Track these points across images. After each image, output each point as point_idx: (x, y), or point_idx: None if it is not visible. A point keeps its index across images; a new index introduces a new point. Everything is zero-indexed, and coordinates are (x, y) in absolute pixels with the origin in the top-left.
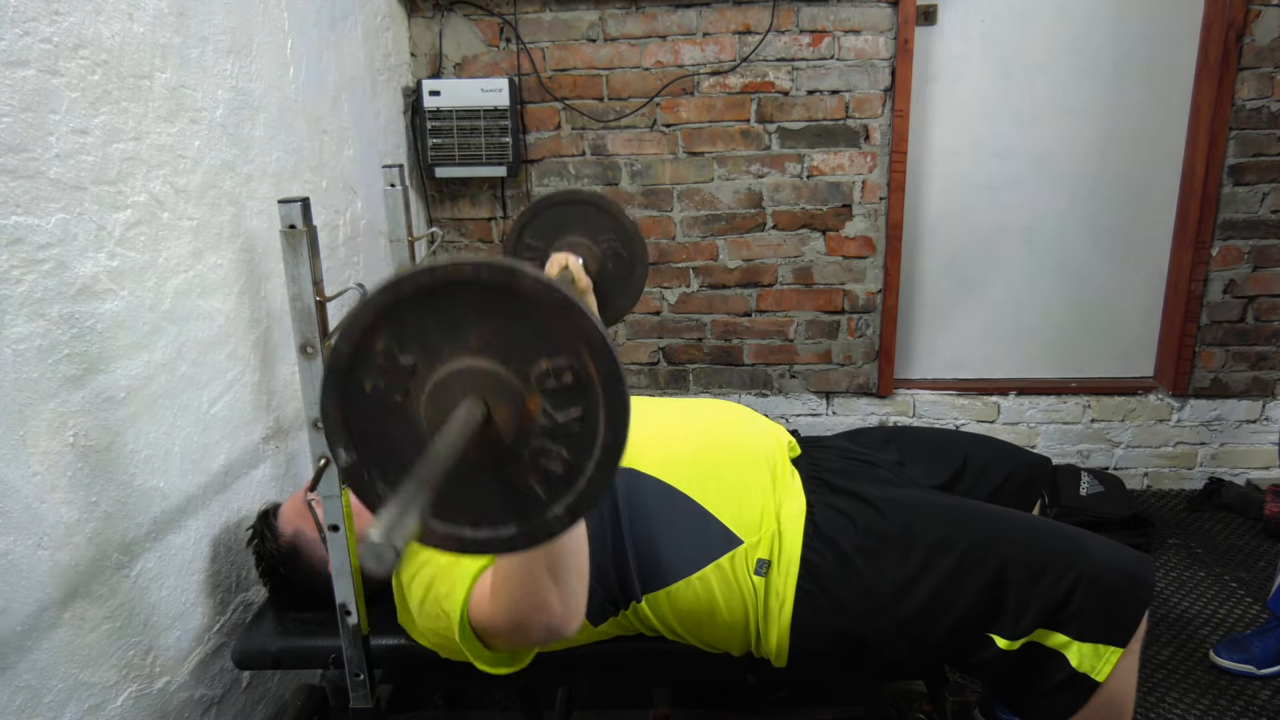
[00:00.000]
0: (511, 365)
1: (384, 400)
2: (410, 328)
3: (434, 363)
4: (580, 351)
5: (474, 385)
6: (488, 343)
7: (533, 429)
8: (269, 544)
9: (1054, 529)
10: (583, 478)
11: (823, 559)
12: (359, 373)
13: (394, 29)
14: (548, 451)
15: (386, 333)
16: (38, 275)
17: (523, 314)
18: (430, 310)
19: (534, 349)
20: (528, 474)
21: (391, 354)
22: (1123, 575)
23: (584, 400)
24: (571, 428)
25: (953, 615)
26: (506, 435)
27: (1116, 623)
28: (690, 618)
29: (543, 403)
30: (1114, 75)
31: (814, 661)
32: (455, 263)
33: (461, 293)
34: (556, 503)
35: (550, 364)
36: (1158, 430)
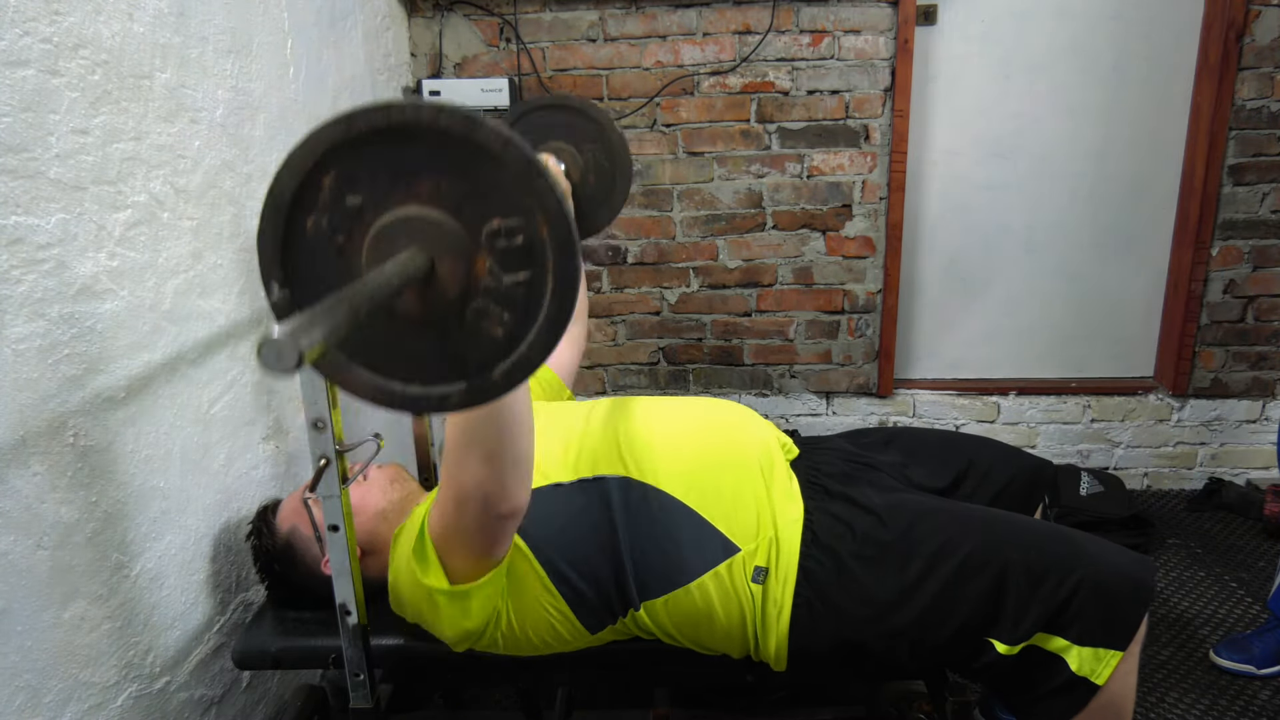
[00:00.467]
0: (462, 219)
1: (325, 240)
2: (361, 168)
3: (381, 207)
4: (534, 214)
5: (421, 234)
6: (440, 192)
7: (477, 288)
8: (265, 540)
9: (1054, 533)
10: (523, 344)
11: (821, 567)
12: (302, 208)
13: (394, 29)
14: (490, 313)
15: (335, 170)
16: (38, 275)
17: (480, 168)
18: (383, 152)
19: (488, 205)
20: (467, 335)
21: (338, 192)
22: (1123, 578)
23: (532, 265)
24: (516, 292)
25: (953, 622)
26: (449, 291)
27: (1116, 626)
28: (689, 624)
29: (490, 262)
30: (1114, 75)
31: (813, 665)
32: (415, 105)
33: (418, 137)
34: (495, 367)
35: (502, 223)
36: (1158, 430)
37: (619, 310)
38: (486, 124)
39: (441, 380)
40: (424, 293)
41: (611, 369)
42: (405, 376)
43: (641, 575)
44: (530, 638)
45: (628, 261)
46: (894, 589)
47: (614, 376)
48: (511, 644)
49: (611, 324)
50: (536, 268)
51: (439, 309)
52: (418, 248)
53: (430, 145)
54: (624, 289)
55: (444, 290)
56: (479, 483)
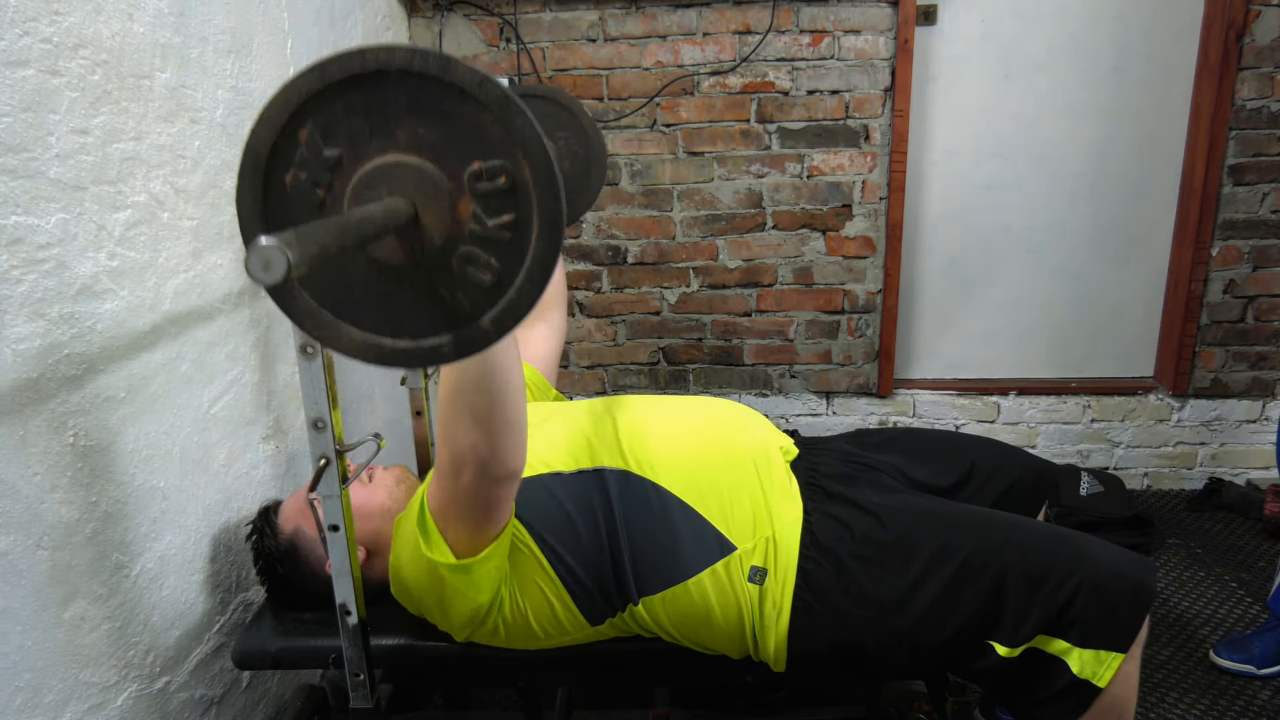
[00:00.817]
0: (443, 163)
1: (305, 194)
2: (337, 118)
3: (361, 156)
4: (515, 153)
5: (402, 182)
6: (419, 138)
7: (461, 234)
8: (268, 541)
9: (1055, 535)
10: (511, 289)
11: (820, 569)
12: (280, 162)
13: (394, 29)
14: (476, 259)
15: (312, 121)
16: (38, 275)
17: (457, 110)
18: (359, 100)
19: (467, 148)
20: (454, 284)
21: (315, 144)
22: (1124, 581)
23: (517, 206)
24: (502, 234)
25: (953, 624)
26: (434, 238)
27: (1117, 628)
28: (687, 623)
29: (473, 206)
30: (1114, 75)
31: (812, 666)
32: (388, 48)
33: (393, 83)
34: (483, 315)
35: (483, 165)
36: (1158, 430)
37: (619, 310)
38: (461, 64)
39: (430, 332)
40: (408, 241)
41: (611, 369)
42: (394, 331)
43: (639, 569)
44: (533, 625)
45: (628, 261)
46: (893, 590)
47: (614, 376)
48: (514, 632)
49: (611, 324)
50: (521, 208)
51: (424, 257)
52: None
53: (406, 89)
54: (624, 289)
55: (428, 237)
56: (472, 445)
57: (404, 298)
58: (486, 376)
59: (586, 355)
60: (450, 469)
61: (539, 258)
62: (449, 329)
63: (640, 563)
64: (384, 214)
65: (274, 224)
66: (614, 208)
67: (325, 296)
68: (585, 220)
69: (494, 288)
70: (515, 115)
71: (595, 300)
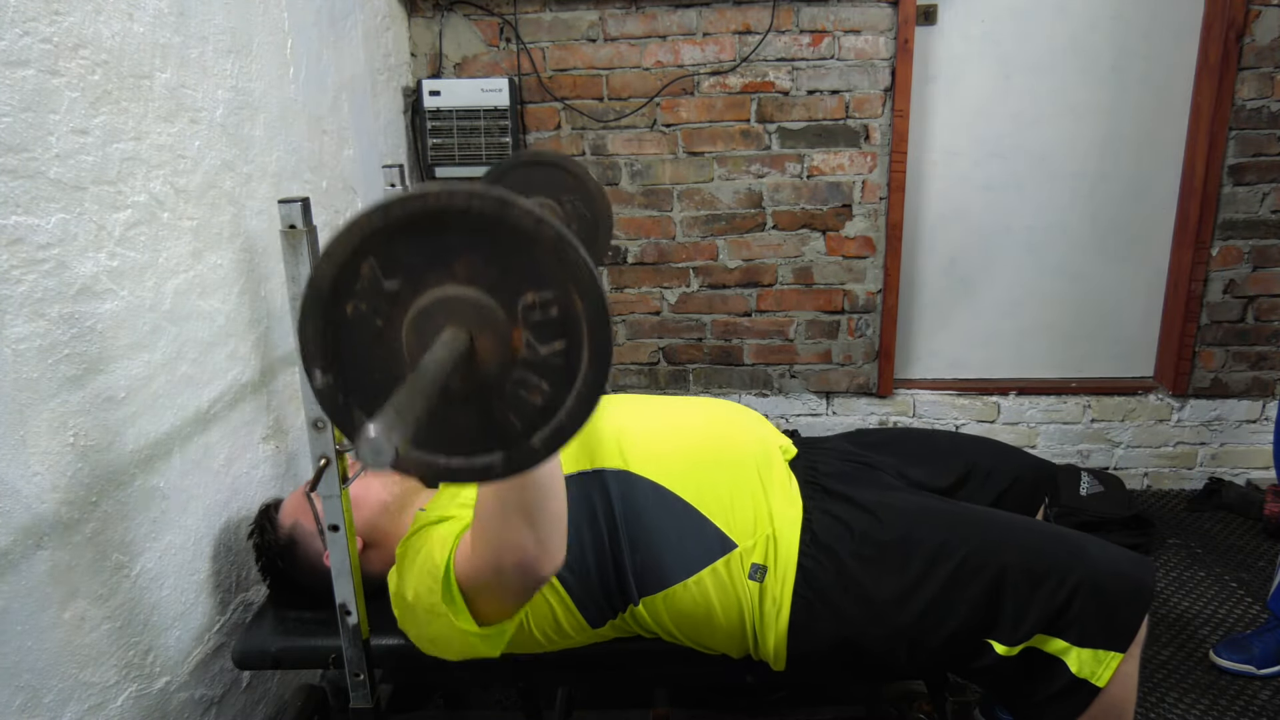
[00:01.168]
0: (498, 295)
1: (365, 324)
2: (397, 252)
3: (419, 289)
4: (568, 287)
5: (458, 314)
6: (475, 272)
7: (515, 360)
8: (268, 537)
9: (1054, 534)
10: (561, 411)
11: (819, 567)
12: (341, 295)
13: (394, 29)
14: (528, 383)
15: (373, 256)
16: (38, 275)
17: (513, 245)
18: (418, 236)
19: (522, 280)
20: (506, 405)
21: (376, 278)
22: (1123, 580)
23: (568, 335)
24: (554, 360)
25: (952, 623)
26: (489, 366)
27: (1117, 628)
28: (687, 621)
29: (526, 335)
30: (1114, 75)
31: (812, 665)
32: (448, 191)
33: (452, 222)
34: (534, 434)
35: (537, 297)
36: (1158, 430)
37: (619, 310)
38: (518, 204)
39: (483, 450)
40: (464, 368)
41: (611, 369)
42: (448, 449)
43: (640, 569)
44: (534, 632)
45: (628, 261)
46: (893, 589)
47: (614, 376)
48: (516, 640)
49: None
50: (572, 337)
51: (479, 383)
52: (457, 327)
53: (464, 228)
54: (624, 289)
55: (483, 365)
56: (520, 547)
57: (458, 419)
58: (534, 484)
59: None
60: (493, 569)
61: (588, 382)
62: (501, 448)
63: (641, 562)
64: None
65: (335, 351)
66: (614, 207)
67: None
68: None
69: (545, 409)
70: (569, 250)
71: None
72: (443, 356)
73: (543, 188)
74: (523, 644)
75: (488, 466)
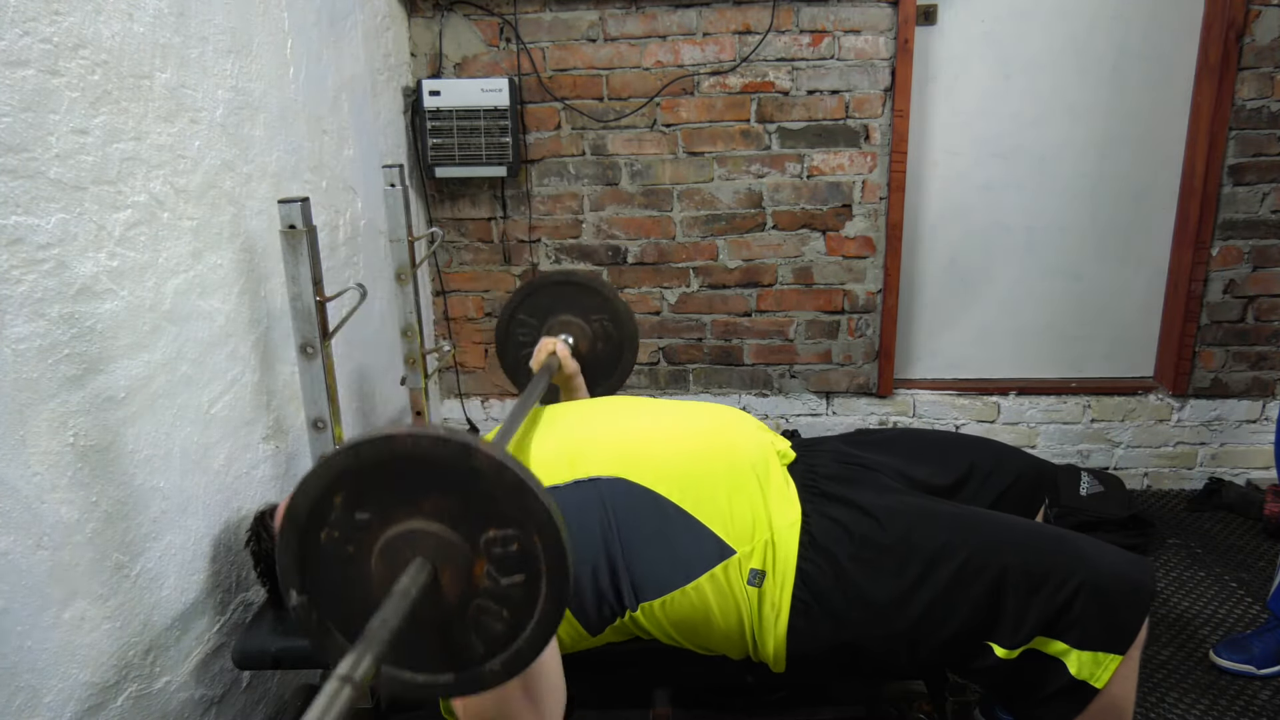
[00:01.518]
0: (461, 530)
1: (337, 550)
2: (368, 487)
3: (387, 521)
4: (528, 525)
5: (423, 547)
6: (440, 507)
7: (477, 590)
8: (265, 544)
9: (1054, 536)
10: (521, 638)
11: (818, 570)
12: (316, 523)
13: (394, 29)
14: (490, 611)
15: (346, 491)
16: (38, 275)
17: (476, 486)
18: (388, 475)
19: (484, 517)
20: (469, 630)
21: (349, 509)
22: (1123, 582)
23: (527, 568)
24: (514, 592)
25: (951, 625)
26: (451, 594)
27: (1116, 630)
28: (686, 626)
29: (488, 567)
30: (1114, 75)
31: (812, 666)
32: (414, 435)
33: (419, 464)
34: (494, 658)
35: (498, 533)
36: (1158, 430)
37: None
38: (480, 451)
39: (443, 670)
40: (430, 596)
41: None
42: (414, 666)
43: (637, 576)
44: None
45: (628, 261)
46: (892, 592)
47: None
48: None
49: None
50: (531, 571)
51: (442, 608)
52: (421, 561)
53: (430, 470)
54: (624, 289)
55: (447, 593)
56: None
57: (424, 640)
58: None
59: None
60: None
61: (545, 614)
62: (462, 668)
63: (638, 570)
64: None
65: (310, 573)
66: (614, 208)
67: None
68: (585, 220)
69: (505, 635)
70: (528, 495)
71: None
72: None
73: (570, 306)
74: None
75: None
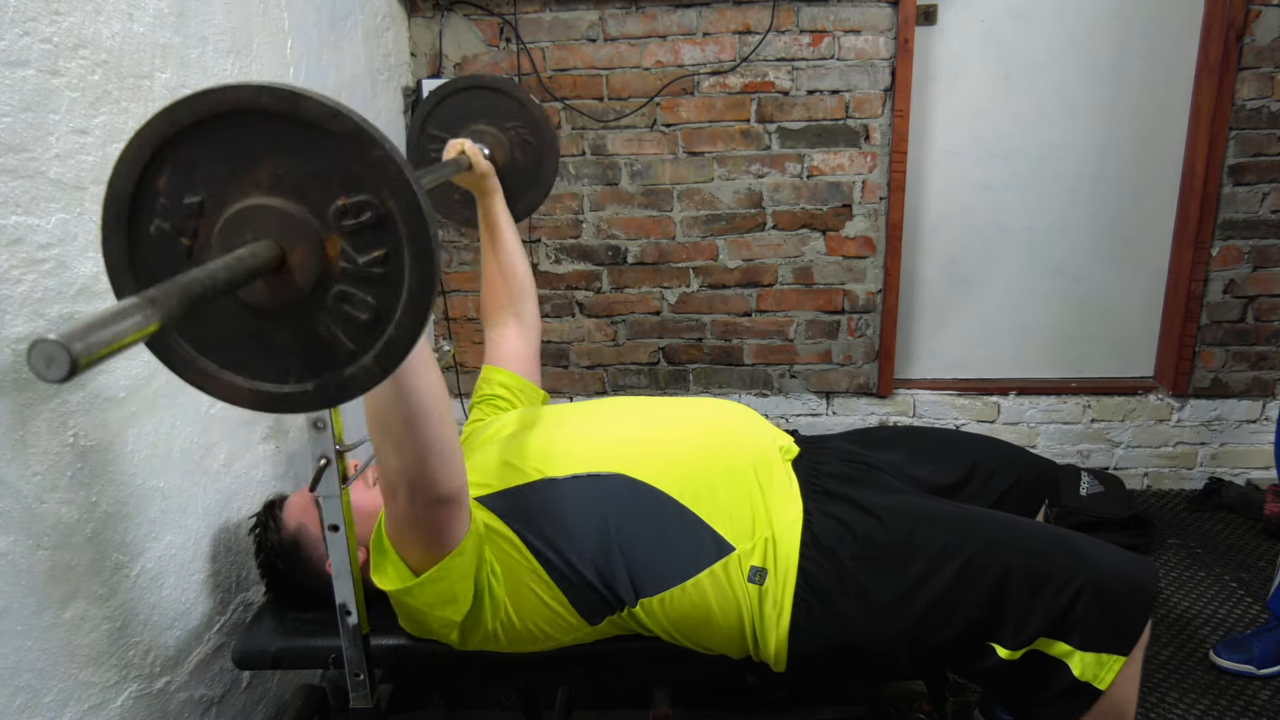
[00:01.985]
0: (307, 202)
1: (171, 244)
2: (195, 162)
3: (223, 200)
4: (379, 187)
5: (267, 225)
6: (280, 178)
7: (334, 273)
8: (271, 535)
9: (1057, 536)
10: (390, 325)
11: (820, 569)
12: (143, 213)
13: (394, 29)
14: (352, 297)
15: (169, 168)
16: (38, 275)
17: (315, 147)
18: (215, 142)
19: (330, 185)
20: (333, 323)
21: (176, 191)
22: (1126, 584)
23: (387, 240)
24: (375, 270)
25: (953, 625)
26: (306, 279)
27: (1119, 632)
28: (686, 623)
29: (342, 243)
30: (1114, 75)
31: (813, 666)
32: (235, 86)
33: (247, 123)
34: (366, 352)
35: (348, 200)
36: (1158, 430)
37: (619, 310)
38: (311, 97)
39: (313, 374)
40: (280, 284)
41: (611, 369)
42: (278, 376)
43: (636, 571)
44: (531, 630)
45: (628, 261)
46: (894, 592)
47: (614, 376)
48: (514, 638)
49: (611, 324)
50: (391, 242)
51: (298, 300)
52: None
53: (261, 128)
54: (624, 289)
55: (300, 279)
56: (399, 469)
57: (285, 341)
58: (400, 401)
59: (586, 355)
60: (388, 492)
61: (414, 291)
62: (333, 369)
63: (637, 566)
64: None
65: (143, 276)
66: (614, 208)
67: (206, 344)
68: (585, 220)
69: (373, 324)
70: (371, 148)
71: (595, 300)
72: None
73: (483, 115)
74: (522, 642)
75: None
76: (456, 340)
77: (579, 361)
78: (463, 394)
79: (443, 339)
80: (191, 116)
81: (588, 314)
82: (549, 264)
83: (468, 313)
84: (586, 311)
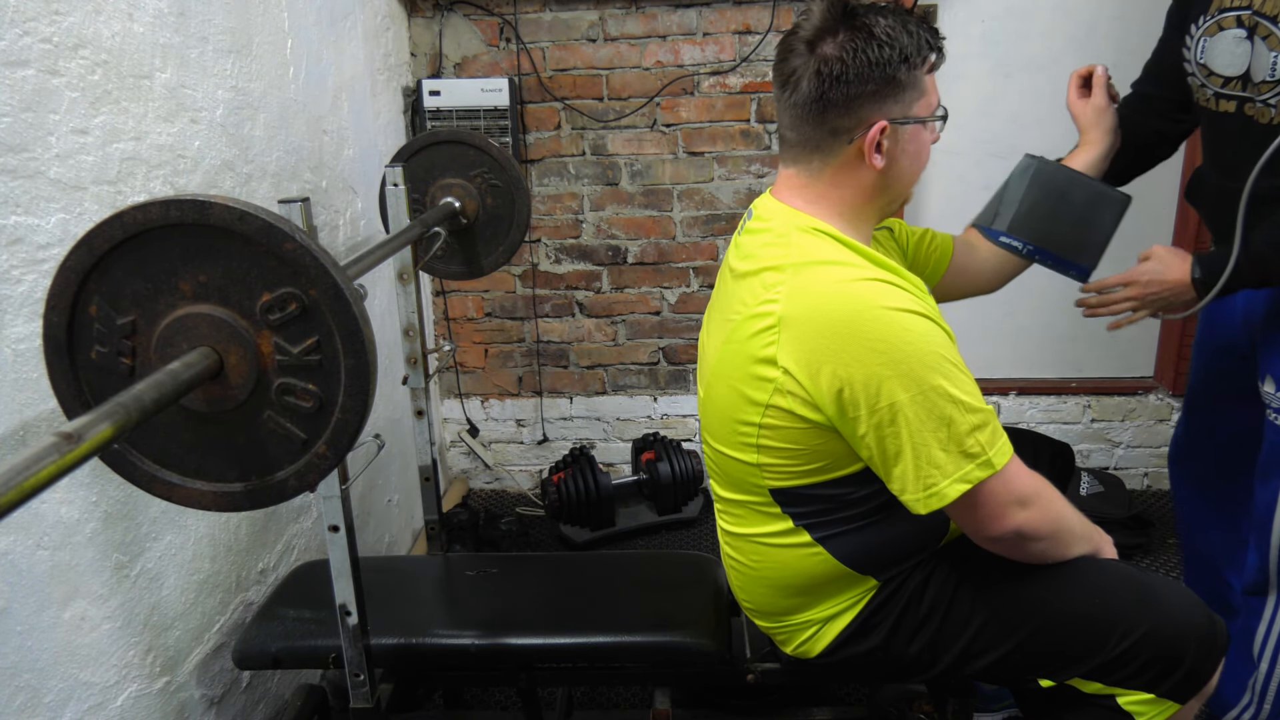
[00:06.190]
0: (233, 304)
1: (113, 366)
2: (121, 284)
3: (154, 317)
4: (297, 277)
5: (199, 333)
6: (203, 285)
7: (270, 366)
8: None
9: (1123, 579)
10: (335, 409)
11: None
12: (81, 342)
13: (394, 29)
14: (294, 388)
15: (96, 295)
16: (38, 275)
17: (230, 249)
18: (136, 262)
19: (252, 283)
20: (280, 416)
21: (107, 316)
22: (1194, 631)
23: (316, 328)
24: (310, 358)
25: (996, 652)
26: (246, 378)
27: (1178, 682)
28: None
29: (274, 338)
30: (1114, 75)
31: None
32: (143, 206)
33: (161, 237)
34: (318, 439)
35: (271, 295)
36: (1158, 430)
37: (619, 310)
38: (216, 203)
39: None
40: (223, 387)
41: (611, 369)
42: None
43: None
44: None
45: (628, 261)
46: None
47: (614, 376)
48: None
49: (611, 324)
50: (321, 329)
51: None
52: (202, 350)
53: (175, 241)
54: (624, 289)
55: (240, 378)
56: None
57: (239, 441)
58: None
59: (586, 355)
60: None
61: (352, 372)
62: (287, 462)
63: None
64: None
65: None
66: (614, 208)
67: (165, 456)
68: (585, 220)
69: (318, 412)
70: (283, 241)
71: (595, 300)
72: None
73: (449, 168)
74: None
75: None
76: (457, 340)
77: (579, 361)
78: (463, 394)
79: (443, 339)
80: (108, 243)
81: (588, 314)
82: (549, 264)
83: (468, 313)
84: (586, 311)
